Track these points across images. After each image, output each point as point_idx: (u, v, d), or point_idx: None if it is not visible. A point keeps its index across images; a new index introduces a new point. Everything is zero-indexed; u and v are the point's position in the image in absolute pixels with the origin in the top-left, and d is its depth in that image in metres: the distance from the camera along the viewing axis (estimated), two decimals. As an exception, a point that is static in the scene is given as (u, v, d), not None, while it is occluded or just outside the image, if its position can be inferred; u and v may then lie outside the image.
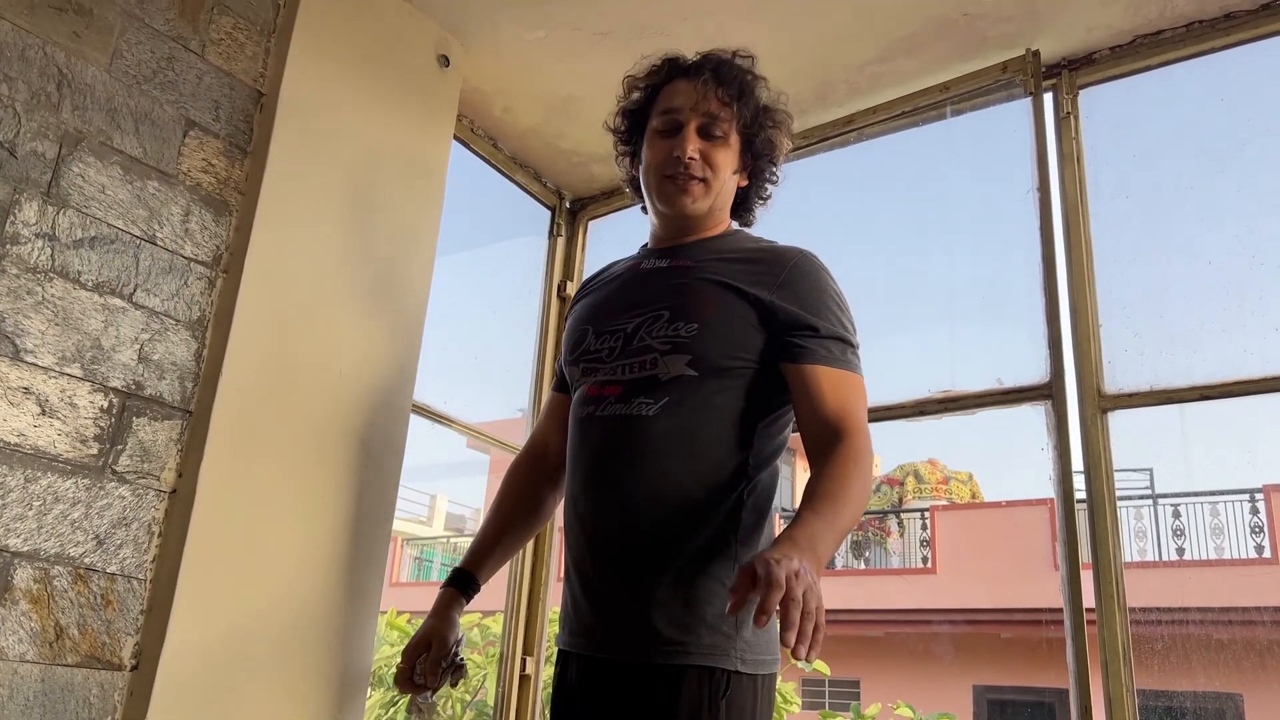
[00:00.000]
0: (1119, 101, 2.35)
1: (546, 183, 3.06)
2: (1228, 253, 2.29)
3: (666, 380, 1.45)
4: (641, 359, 1.48)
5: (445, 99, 2.44)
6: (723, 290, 1.49)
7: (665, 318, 1.49)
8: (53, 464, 1.65)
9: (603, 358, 1.54)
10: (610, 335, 1.54)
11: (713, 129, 1.56)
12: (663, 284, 1.55)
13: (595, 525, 1.47)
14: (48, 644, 1.61)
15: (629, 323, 1.53)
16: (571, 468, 1.55)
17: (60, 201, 1.71)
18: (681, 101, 1.58)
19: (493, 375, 7.46)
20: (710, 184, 1.56)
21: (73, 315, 1.70)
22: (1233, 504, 9.33)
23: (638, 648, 1.38)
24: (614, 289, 1.64)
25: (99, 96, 1.79)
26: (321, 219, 2.08)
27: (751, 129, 1.60)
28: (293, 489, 1.94)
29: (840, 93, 2.56)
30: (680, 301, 1.50)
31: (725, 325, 1.47)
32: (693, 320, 1.47)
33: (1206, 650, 6.60)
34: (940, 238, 4.53)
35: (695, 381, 1.45)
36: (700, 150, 1.55)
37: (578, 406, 1.57)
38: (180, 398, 1.84)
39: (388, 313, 2.20)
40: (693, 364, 1.45)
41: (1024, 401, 2.19)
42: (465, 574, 1.67)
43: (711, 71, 1.59)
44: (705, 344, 1.45)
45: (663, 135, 1.59)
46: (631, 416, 1.46)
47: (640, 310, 1.53)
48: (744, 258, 1.55)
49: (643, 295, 1.56)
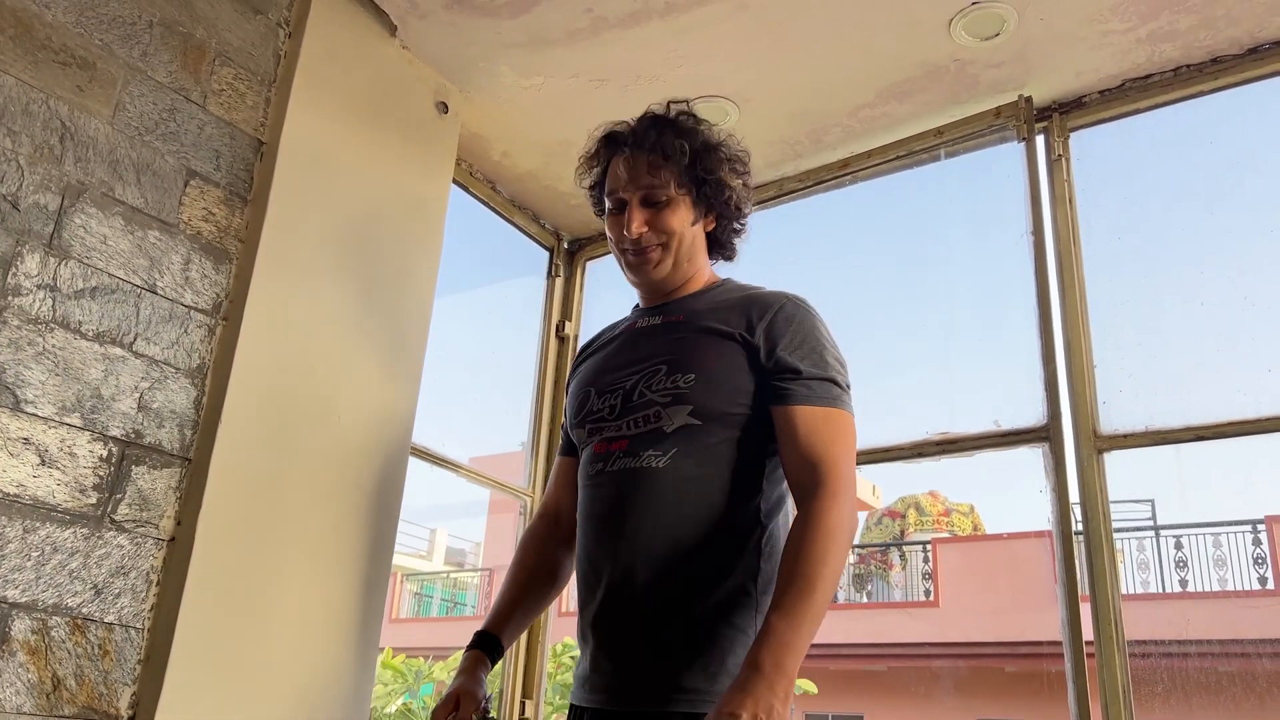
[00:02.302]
0: (1109, 144, 2.38)
1: (545, 224, 3.09)
2: (1219, 294, 2.31)
3: (671, 431, 1.46)
4: (644, 413, 1.49)
5: (444, 145, 2.47)
6: (716, 338, 1.51)
7: (663, 371, 1.50)
8: (51, 514, 1.65)
9: (605, 416, 1.54)
10: (610, 394, 1.55)
11: (654, 197, 1.57)
12: (658, 339, 1.57)
13: (612, 578, 1.46)
14: (45, 695, 1.61)
15: (627, 379, 1.54)
16: (583, 525, 1.55)
17: (62, 253, 1.73)
18: (619, 181, 1.60)
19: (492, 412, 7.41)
20: (668, 245, 1.58)
21: (73, 365, 1.71)
22: (1235, 535, 9.29)
23: (657, 698, 1.37)
24: (612, 349, 1.65)
25: (101, 148, 1.81)
26: (321, 265, 2.10)
27: (694, 179, 1.59)
28: (291, 536, 1.95)
29: (835, 136, 2.59)
30: (676, 354, 1.51)
31: (722, 373, 1.48)
32: (690, 371, 1.48)
33: (1208, 685, 6.55)
34: (936, 280, 4.55)
35: (700, 430, 1.46)
36: (647, 220, 1.57)
37: (586, 465, 1.57)
38: (179, 445, 1.84)
39: (387, 357, 2.21)
40: (695, 414, 1.46)
41: (1021, 444, 2.20)
42: (488, 636, 1.66)
43: (632, 144, 1.61)
44: (704, 393, 1.46)
45: (614, 214, 1.62)
46: (641, 469, 1.47)
47: (638, 366, 1.54)
48: (733, 304, 1.56)
49: (640, 352, 1.57)
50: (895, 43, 2.27)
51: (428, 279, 2.36)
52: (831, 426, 1.44)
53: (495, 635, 1.67)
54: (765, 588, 1.42)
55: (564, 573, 1.78)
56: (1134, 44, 2.21)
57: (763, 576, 1.43)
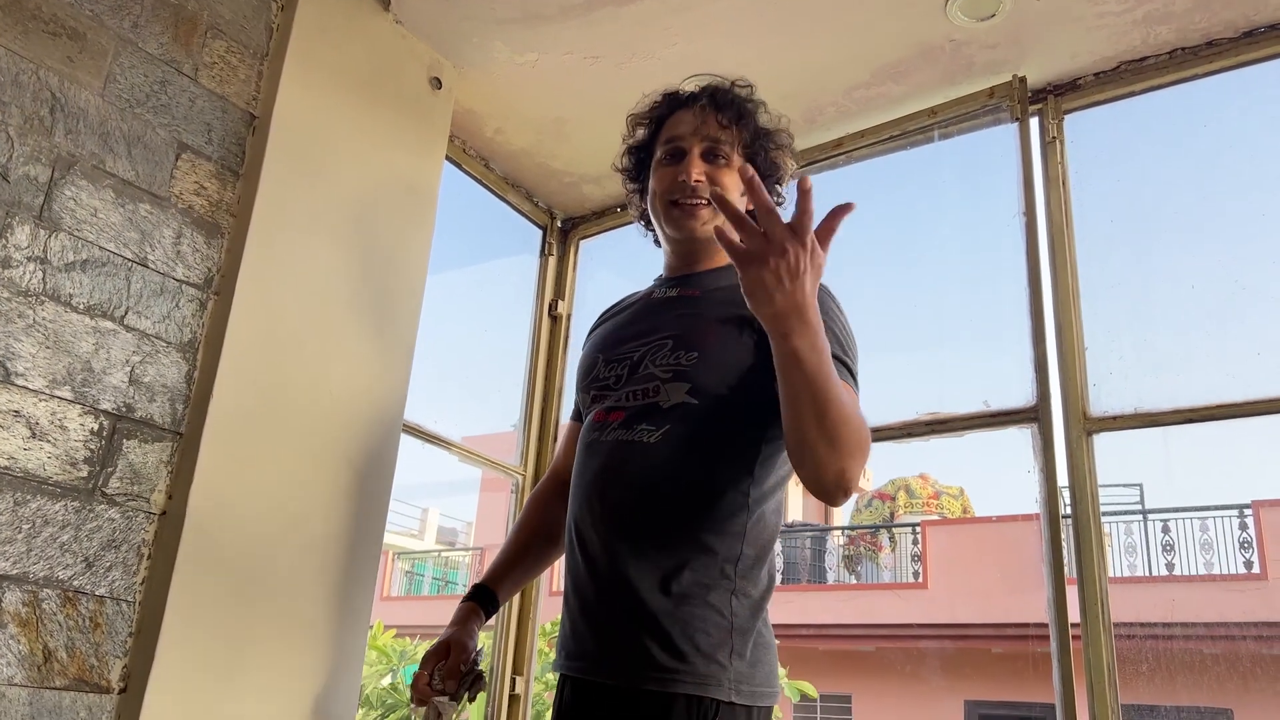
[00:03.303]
0: (1104, 126, 2.39)
1: (538, 202, 3.08)
2: (1210, 277, 2.32)
3: (668, 408, 1.46)
4: (645, 386, 1.49)
5: (437, 121, 2.46)
6: (727, 319, 1.49)
7: (669, 346, 1.50)
8: (42, 487, 1.65)
9: (610, 384, 1.55)
10: (618, 363, 1.56)
11: (716, 152, 1.58)
12: (670, 313, 1.57)
13: (595, 549, 1.47)
14: (36, 667, 1.61)
15: (635, 350, 1.54)
16: (574, 490, 1.55)
17: (52, 225, 1.72)
18: (683, 129, 1.61)
19: (485, 391, 7.41)
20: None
21: (64, 338, 1.71)
22: (1222, 519, 9.36)
23: (631, 673, 1.37)
24: (626, 318, 1.65)
25: (92, 120, 1.80)
26: (313, 240, 2.10)
27: (753, 150, 1.62)
28: (283, 511, 1.95)
29: (829, 116, 2.58)
30: (685, 330, 1.51)
31: (726, 354, 1.46)
32: (693, 349, 1.47)
33: (1193, 667, 6.62)
34: (928, 260, 4.57)
35: (696, 409, 1.45)
36: (705, 173, 1.57)
37: (585, 432, 1.57)
38: (171, 420, 1.84)
39: (379, 333, 2.21)
40: (693, 392, 1.45)
41: (1010, 424, 2.21)
42: (485, 589, 1.68)
43: (709, 98, 1.62)
44: (705, 372, 1.45)
45: (667, 163, 1.61)
46: (633, 442, 1.46)
47: (647, 338, 1.54)
48: None
49: (651, 324, 1.57)
50: (891, 22, 2.26)
51: (420, 255, 2.35)
52: None
53: (492, 590, 1.68)
54: (745, 573, 1.41)
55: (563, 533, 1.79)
56: (1129, 26, 2.21)
57: (744, 561, 1.41)
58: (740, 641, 1.37)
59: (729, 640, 1.36)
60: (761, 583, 1.44)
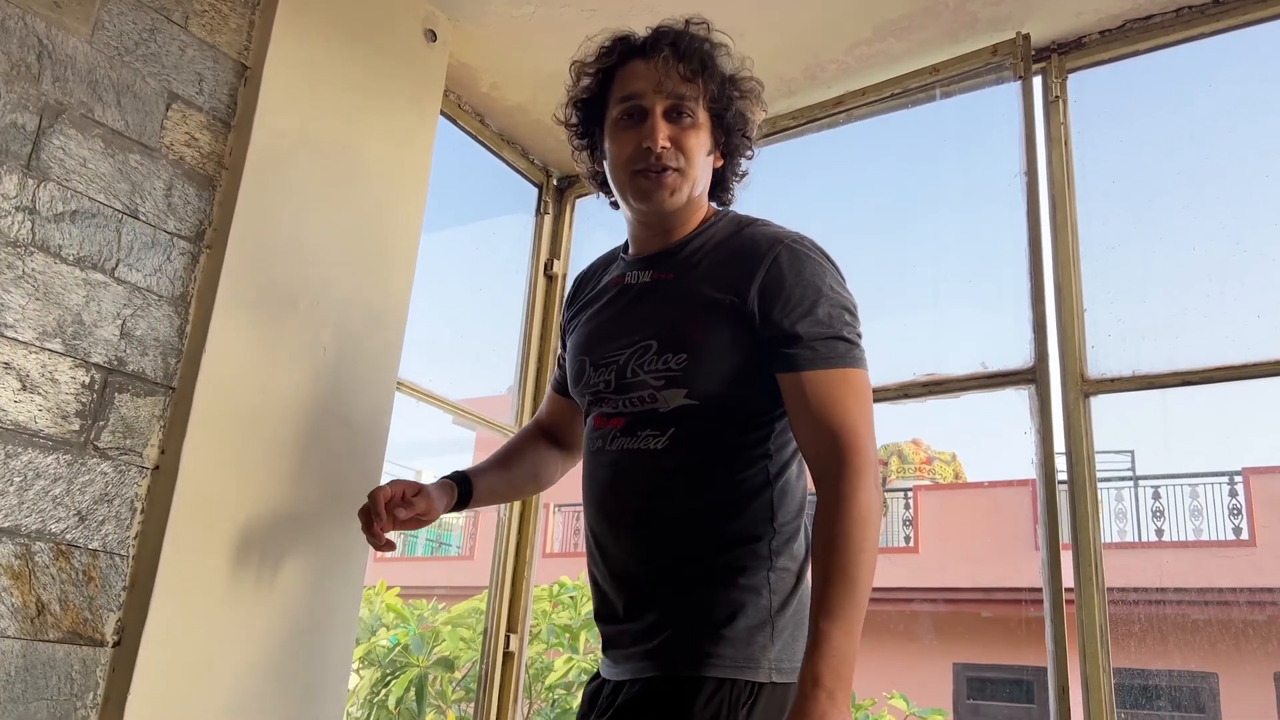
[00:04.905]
0: (1108, 86, 2.35)
1: (534, 160, 3.04)
2: (1212, 239, 2.30)
3: (668, 412, 1.39)
4: (639, 394, 1.41)
5: (432, 74, 2.42)
6: (706, 308, 1.40)
7: (653, 349, 1.40)
8: (34, 439, 1.64)
9: (602, 390, 1.47)
10: (605, 368, 1.46)
11: (680, 111, 1.43)
12: (646, 306, 1.47)
13: (619, 561, 1.43)
14: (29, 620, 1.61)
15: (619, 354, 1.44)
16: (587, 501, 1.49)
17: (41, 174, 1.69)
18: (642, 85, 1.44)
19: (479, 353, 7.39)
20: (686, 173, 1.43)
21: (54, 290, 1.69)
22: (1212, 486, 9.41)
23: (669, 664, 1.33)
24: (603, 312, 1.54)
25: (80, 68, 1.76)
26: (306, 194, 2.07)
27: (720, 103, 1.46)
28: (277, 467, 1.94)
29: (830, 73, 2.55)
30: (665, 329, 1.41)
31: (715, 349, 1.38)
32: (681, 350, 1.38)
33: (1183, 630, 6.69)
34: (927, 220, 4.51)
35: (697, 410, 1.38)
36: (670, 136, 1.42)
37: (588, 437, 1.51)
38: (163, 374, 1.83)
39: (373, 289, 2.19)
40: (691, 395, 1.38)
41: (1007, 385, 2.20)
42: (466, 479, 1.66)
43: (670, 46, 1.44)
44: (698, 374, 1.37)
45: (626, 125, 1.45)
46: (640, 451, 1.40)
47: (628, 340, 1.44)
48: (725, 257, 1.44)
49: (629, 321, 1.47)
50: (894, -23, 2.23)
51: (414, 210, 2.33)
52: (844, 389, 1.33)
53: (471, 482, 1.66)
54: (781, 548, 1.37)
55: (546, 475, 1.78)
56: (1136, -18, 2.17)
57: (778, 537, 1.37)
58: (780, 619, 1.34)
59: (768, 621, 1.33)
60: (799, 553, 1.39)
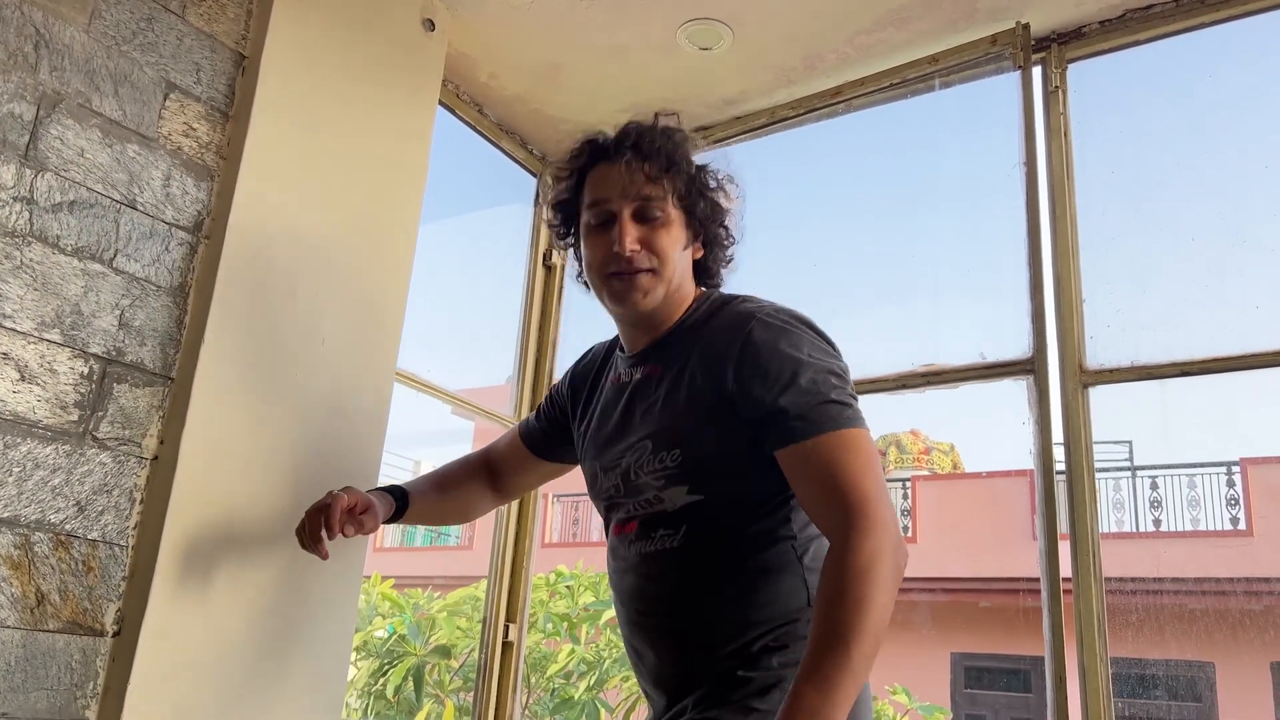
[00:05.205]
0: (1107, 76, 2.35)
1: (532, 150, 3.04)
2: (1211, 230, 2.30)
3: (676, 510, 1.37)
4: (644, 496, 1.41)
5: (430, 64, 2.41)
6: (691, 399, 1.38)
7: (649, 448, 1.40)
8: (33, 430, 1.64)
9: (613, 496, 1.47)
10: (612, 472, 1.46)
11: (648, 212, 1.42)
12: (641, 403, 1.46)
13: (656, 666, 1.41)
14: (29, 610, 1.61)
15: (622, 458, 1.45)
16: (617, 606, 1.49)
17: (38, 164, 1.68)
18: (608, 189, 1.44)
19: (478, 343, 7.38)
20: (659, 272, 1.43)
21: (52, 280, 1.68)
22: (1209, 476, 9.42)
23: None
24: (606, 419, 1.53)
25: (77, 57, 1.76)
26: (304, 184, 2.06)
27: (689, 199, 1.45)
28: (275, 456, 1.94)
29: (829, 63, 2.54)
30: (657, 427, 1.40)
31: (707, 441, 1.36)
32: (674, 446, 1.37)
33: (1180, 620, 6.71)
34: (926, 210, 4.50)
35: (705, 504, 1.36)
36: (640, 239, 1.41)
37: (610, 547, 1.50)
38: (162, 364, 1.82)
39: (371, 279, 2.19)
40: (693, 490, 1.36)
41: (1006, 376, 2.21)
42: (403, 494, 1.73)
43: (632, 149, 1.44)
44: (696, 468, 1.36)
45: (597, 230, 1.45)
46: (657, 553, 1.39)
47: (627, 442, 1.44)
48: (705, 343, 1.42)
49: (626, 422, 1.47)
50: (894, -34, 2.22)
51: (413, 200, 2.32)
52: (842, 451, 1.27)
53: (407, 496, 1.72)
54: None
55: (474, 511, 1.86)
56: (1136, -28, 2.17)
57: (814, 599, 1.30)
58: None
59: None
60: None
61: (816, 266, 1.63)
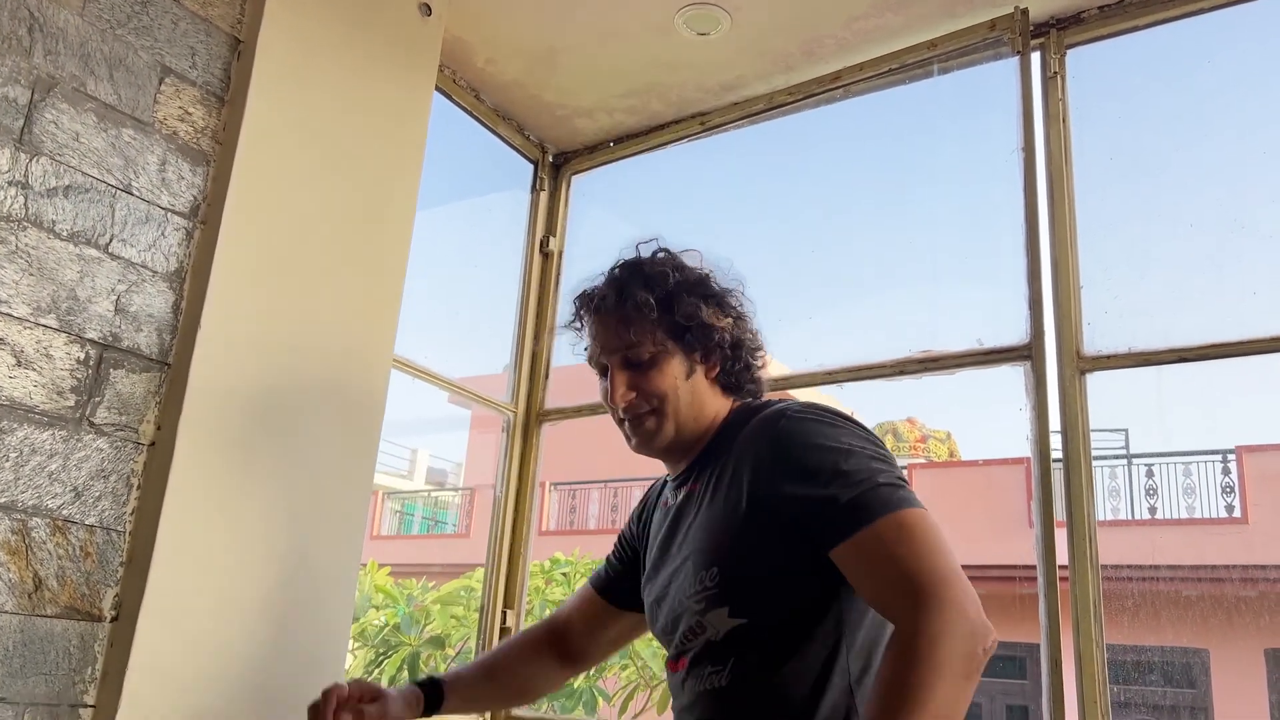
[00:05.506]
0: (1106, 62, 2.34)
1: (530, 136, 3.03)
2: (1209, 216, 2.30)
3: (721, 639, 1.31)
4: (689, 625, 1.35)
5: (427, 49, 2.40)
6: (728, 513, 1.33)
7: (690, 570, 1.35)
8: (29, 415, 1.63)
9: (664, 627, 1.43)
10: (663, 603, 1.42)
11: (634, 357, 1.43)
12: (683, 524, 1.43)
13: None
14: (26, 595, 1.61)
15: (669, 586, 1.41)
16: None
17: (33, 149, 1.68)
18: (596, 345, 1.48)
19: (474, 331, 7.34)
20: (661, 410, 1.43)
21: (47, 265, 1.68)
22: (1205, 464, 9.45)
23: None
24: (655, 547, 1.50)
25: (72, 41, 1.75)
26: (300, 169, 2.06)
27: (675, 328, 1.43)
28: (273, 442, 1.94)
29: (828, 48, 2.53)
30: (696, 546, 1.36)
31: (745, 555, 1.29)
32: (712, 564, 1.31)
33: (1175, 607, 6.74)
34: (924, 196, 4.50)
35: (749, 629, 1.29)
36: (632, 384, 1.43)
37: (669, 684, 1.45)
38: (158, 350, 1.82)
39: (368, 265, 2.18)
40: (735, 612, 1.29)
41: (1003, 362, 2.21)
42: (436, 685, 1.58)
43: (603, 300, 1.46)
44: (734, 586, 1.29)
45: (602, 379, 1.49)
46: (708, 692, 1.32)
47: (671, 567, 1.41)
48: (738, 453, 1.37)
49: (670, 547, 1.44)
50: (893, -49, 2.21)
51: (409, 186, 2.31)
52: (903, 534, 1.18)
53: (442, 686, 1.58)
54: None
55: (539, 689, 1.73)
56: (1136, -43, 2.16)
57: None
58: None
59: None
60: None
61: (814, 253, 1.61)
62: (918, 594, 1.11)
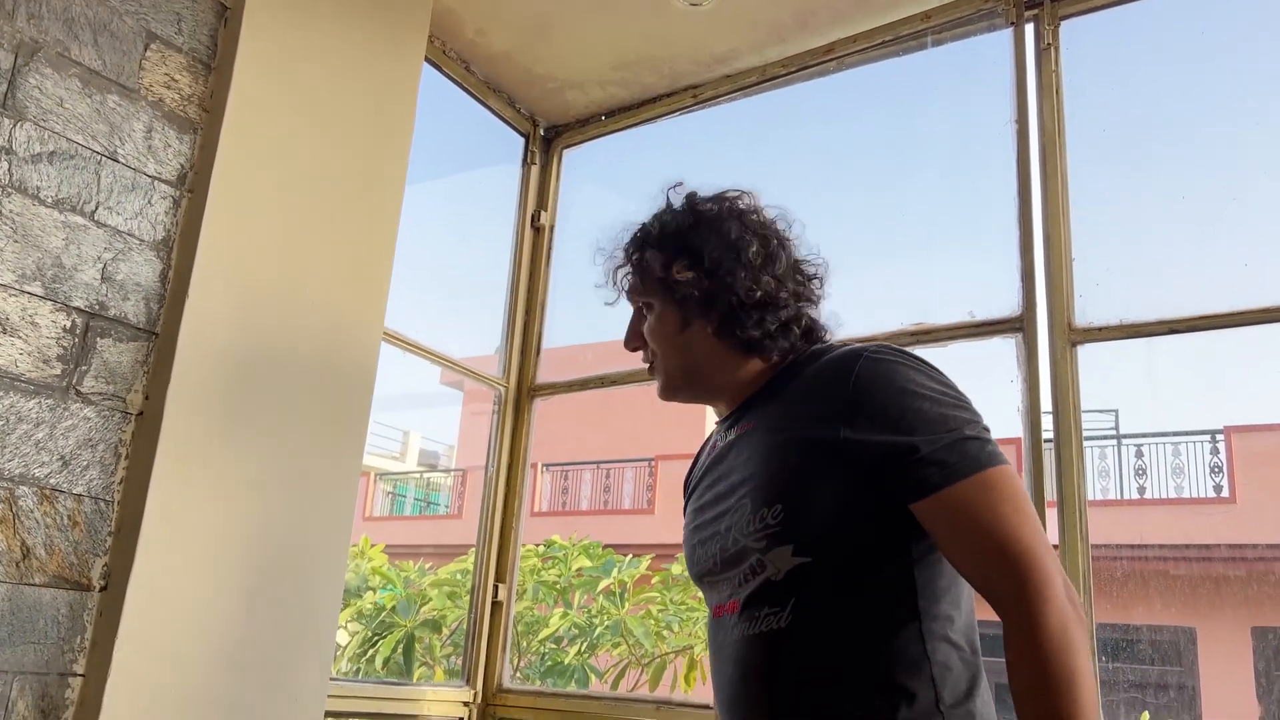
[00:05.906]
0: (1100, 34, 2.33)
1: (520, 109, 3.01)
2: (1202, 188, 2.29)
3: (782, 579, 1.22)
4: (746, 565, 1.26)
5: (416, 18, 2.38)
6: (795, 449, 1.25)
7: (748, 508, 1.26)
8: (15, 383, 1.62)
9: (709, 570, 1.33)
10: (710, 543, 1.33)
11: (641, 306, 1.44)
12: (736, 460, 1.34)
13: None
14: (14, 564, 1.60)
15: (719, 523, 1.31)
16: (718, 701, 1.33)
17: (17, 114, 1.66)
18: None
19: (465, 310, 7.30)
20: (659, 362, 1.41)
21: (32, 232, 1.66)
22: (1193, 444, 9.49)
23: None
24: (702, 488, 1.42)
25: (55, 5, 1.72)
26: (288, 139, 2.04)
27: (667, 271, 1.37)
28: (261, 412, 1.93)
29: (822, 19, 2.51)
30: (756, 483, 1.27)
31: (813, 491, 1.22)
32: (775, 501, 1.23)
33: (1164, 585, 6.78)
34: (917, 168, 4.49)
35: (814, 568, 1.20)
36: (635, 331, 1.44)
37: (710, 633, 1.37)
38: (146, 319, 1.81)
39: (357, 236, 2.17)
40: (799, 550, 1.21)
41: (995, 334, 2.21)
42: None
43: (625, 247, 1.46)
44: (800, 523, 1.21)
45: None
46: (762, 635, 1.23)
47: (725, 504, 1.32)
48: (805, 390, 1.30)
49: (722, 485, 1.35)
50: (886, -81, 2.19)
51: (399, 155, 2.30)
52: (993, 496, 1.13)
53: None
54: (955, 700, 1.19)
55: None
56: (1131, -74, 2.14)
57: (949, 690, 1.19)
58: None
59: None
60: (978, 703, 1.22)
61: (807, 225, 1.60)
62: (1020, 573, 1.10)
